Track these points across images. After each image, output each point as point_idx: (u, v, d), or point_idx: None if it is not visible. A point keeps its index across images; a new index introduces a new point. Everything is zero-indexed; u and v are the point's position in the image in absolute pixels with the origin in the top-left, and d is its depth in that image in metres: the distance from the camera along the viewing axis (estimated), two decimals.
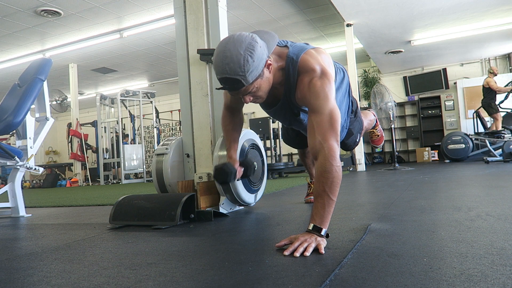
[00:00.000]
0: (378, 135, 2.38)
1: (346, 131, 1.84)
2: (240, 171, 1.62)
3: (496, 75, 6.93)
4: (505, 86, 6.88)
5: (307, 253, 1.05)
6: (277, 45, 1.41)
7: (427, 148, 9.17)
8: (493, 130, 6.69)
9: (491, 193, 2.21)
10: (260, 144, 2.26)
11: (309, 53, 1.33)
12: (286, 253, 1.06)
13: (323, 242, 1.10)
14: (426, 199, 2.14)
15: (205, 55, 2.15)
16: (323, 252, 1.06)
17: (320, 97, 1.24)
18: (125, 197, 1.95)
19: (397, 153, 9.46)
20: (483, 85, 7.02)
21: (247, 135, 2.12)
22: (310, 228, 1.15)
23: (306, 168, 2.29)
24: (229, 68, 1.16)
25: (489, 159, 6.19)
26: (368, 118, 2.17)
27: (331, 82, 1.28)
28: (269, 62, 1.24)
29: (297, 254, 1.05)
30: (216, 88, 1.32)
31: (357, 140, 1.94)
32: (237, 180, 1.65)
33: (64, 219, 2.33)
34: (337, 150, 1.20)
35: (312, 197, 2.26)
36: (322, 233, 1.13)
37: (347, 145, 1.93)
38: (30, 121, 2.60)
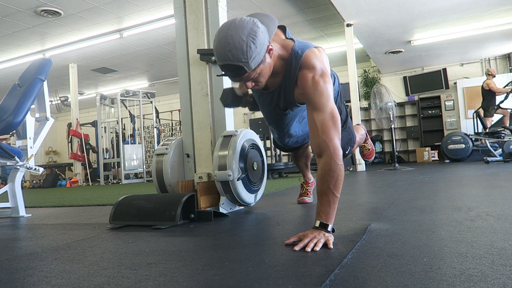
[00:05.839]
0: (369, 149, 2.41)
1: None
2: (248, 100, 1.78)
3: (494, 76, 6.96)
4: (505, 86, 6.90)
5: (317, 248, 1.08)
6: (285, 36, 1.43)
7: (427, 148, 9.16)
8: (493, 130, 6.71)
9: (491, 193, 2.20)
10: (260, 144, 2.26)
11: (313, 51, 1.36)
12: (297, 248, 1.10)
13: (331, 238, 1.15)
14: (426, 199, 2.14)
15: (205, 55, 2.14)
16: (332, 247, 1.10)
17: (324, 95, 1.27)
18: (125, 197, 1.95)
19: (397, 153, 9.46)
20: (482, 87, 7.03)
21: (247, 135, 2.12)
22: (317, 225, 1.18)
23: (300, 169, 2.31)
24: (231, 55, 1.13)
25: (489, 159, 6.19)
26: (360, 133, 2.18)
27: (330, 82, 1.32)
28: (270, 47, 1.23)
29: (308, 249, 1.08)
30: (217, 75, 1.31)
31: (347, 152, 1.91)
32: (243, 104, 1.81)
33: (64, 219, 2.33)
34: (340, 149, 1.23)
35: (305, 198, 2.28)
36: (329, 229, 1.17)
37: None
38: (30, 121, 2.60)
